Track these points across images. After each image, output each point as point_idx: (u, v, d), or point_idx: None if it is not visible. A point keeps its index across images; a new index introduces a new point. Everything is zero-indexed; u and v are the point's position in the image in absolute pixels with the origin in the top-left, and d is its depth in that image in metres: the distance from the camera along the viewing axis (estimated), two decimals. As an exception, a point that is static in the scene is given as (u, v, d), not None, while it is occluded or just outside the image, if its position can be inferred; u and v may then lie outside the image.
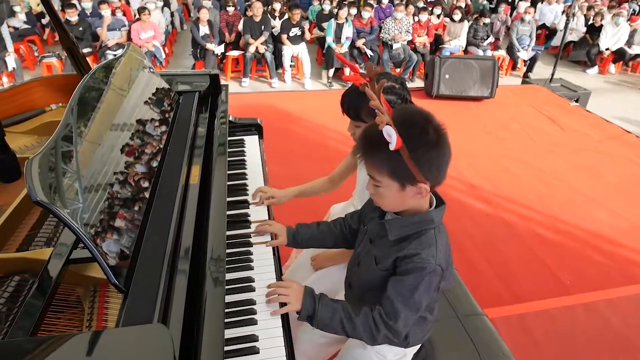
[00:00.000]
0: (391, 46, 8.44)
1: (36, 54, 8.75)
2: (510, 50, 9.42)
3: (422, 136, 1.27)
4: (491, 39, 9.29)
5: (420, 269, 1.36)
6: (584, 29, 10.67)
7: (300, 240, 1.84)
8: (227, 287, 1.55)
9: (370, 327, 1.42)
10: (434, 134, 1.28)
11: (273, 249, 1.85)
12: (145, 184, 1.63)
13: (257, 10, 7.98)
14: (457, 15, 9.06)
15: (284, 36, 8.16)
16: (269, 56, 8.05)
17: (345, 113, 1.83)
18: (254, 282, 1.67)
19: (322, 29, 9.01)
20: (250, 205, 2.09)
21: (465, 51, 9.22)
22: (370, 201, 1.67)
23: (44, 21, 9.59)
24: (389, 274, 1.44)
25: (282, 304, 1.56)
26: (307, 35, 8.87)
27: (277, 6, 8.87)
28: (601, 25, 10.05)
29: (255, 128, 2.79)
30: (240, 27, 8.34)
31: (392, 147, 1.22)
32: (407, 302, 1.38)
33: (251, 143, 2.66)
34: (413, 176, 1.29)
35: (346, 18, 8.27)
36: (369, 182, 1.40)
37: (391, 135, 1.21)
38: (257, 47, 8.00)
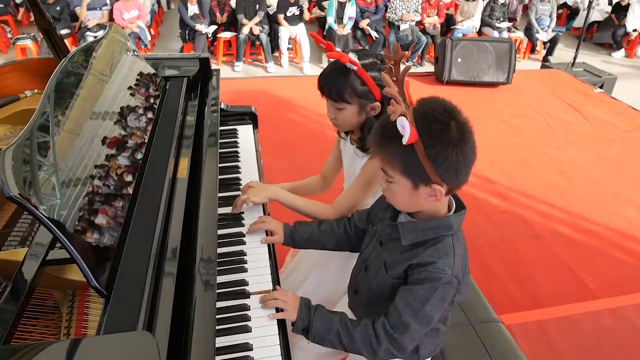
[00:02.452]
0: (398, 27, 8.42)
1: (9, 35, 8.75)
2: (529, 31, 9.40)
3: (443, 132, 1.25)
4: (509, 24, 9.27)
5: (434, 280, 1.34)
6: (609, 8, 10.64)
7: (299, 239, 1.83)
8: (218, 291, 1.55)
9: (371, 340, 1.42)
10: (456, 131, 1.26)
11: (269, 249, 1.84)
12: (129, 178, 1.62)
13: (251, -13, 7.97)
14: (471, -7, 9.05)
15: (281, 16, 8.14)
16: (264, 38, 8.04)
17: (326, 95, 1.84)
18: (247, 285, 1.66)
19: (322, 8, 9.00)
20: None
21: (479, 33, 9.21)
22: (381, 200, 1.66)
23: (18, 0, 9.56)
24: (401, 282, 1.43)
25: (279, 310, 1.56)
26: (306, 15, 8.86)
27: (273, -17, 8.86)
28: (628, 4, 10.02)
29: (249, 117, 2.78)
30: (232, 5, 8.33)
31: (404, 140, 1.21)
32: (417, 315, 1.37)
33: (245, 133, 2.65)
34: (427, 176, 1.28)
35: (349, -4, 8.26)
36: (381, 177, 1.39)
37: (404, 127, 1.20)
38: (251, 28, 7.98)
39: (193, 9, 8.05)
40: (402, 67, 1.34)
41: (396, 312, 1.39)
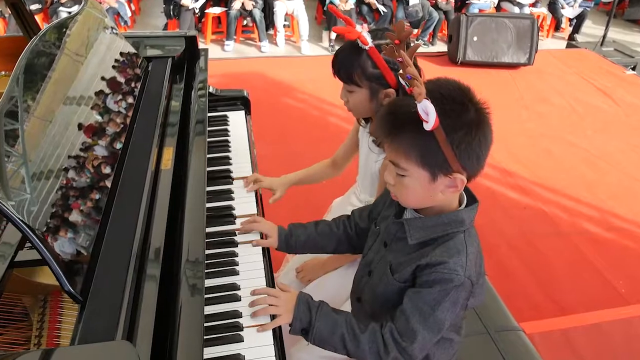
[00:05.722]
0: (407, 2, 8.40)
1: (-27, 11, 8.72)
2: (553, 6, 9.37)
3: (462, 115, 1.26)
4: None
5: (445, 281, 1.34)
6: (644, -19, 10.63)
7: (295, 244, 1.83)
8: (206, 296, 1.55)
9: (378, 347, 1.42)
10: (475, 114, 1.28)
11: (263, 250, 1.84)
12: (107, 170, 1.62)
13: (243, -43, 7.95)
14: (489, -36, 9.02)
15: (276, -11, 8.13)
16: (257, 14, 8.02)
17: (336, 75, 1.85)
18: (239, 290, 1.66)
19: (322, -19, 8.97)
20: (235, 197, 2.09)
21: (498, 8, 9.18)
22: (384, 196, 1.65)
23: (-17, -29, 9.55)
24: (409, 286, 1.43)
25: (273, 317, 1.56)
26: (305, -11, 8.84)
27: (268, -48, 8.83)
28: (665, -24, 10.01)
29: (241, 102, 2.78)
30: (222, -22, 8.31)
31: (428, 126, 1.19)
32: (427, 321, 1.37)
33: (236, 120, 2.65)
34: (448, 164, 1.28)
35: (352, -33, 8.24)
36: (388, 171, 1.38)
37: (428, 113, 1.18)
38: (243, 3, 7.96)
39: (178, -19, 8.03)
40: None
41: (403, 317, 1.39)
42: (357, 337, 1.43)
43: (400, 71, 1.33)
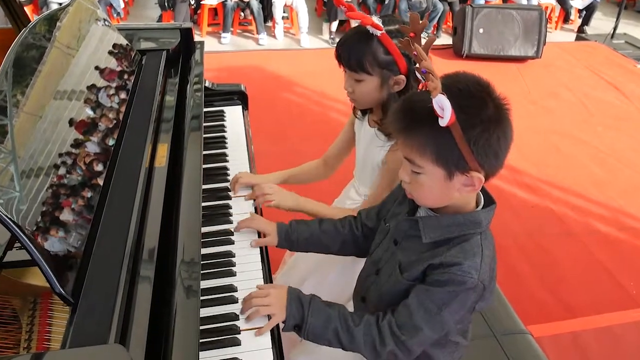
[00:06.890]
0: (411, -8, 8.39)
1: (-40, 2, 8.69)
2: (562, -3, 9.37)
3: (481, 111, 1.26)
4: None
5: (457, 283, 1.34)
6: (656, -29, 10.61)
7: (296, 240, 1.82)
8: (202, 297, 1.55)
9: (374, 340, 1.42)
10: (494, 110, 1.27)
11: (261, 250, 1.84)
12: (99, 168, 1.62)
13: (241, -54, 7.93)
14: (495, -47, 9.01)
15: (275, -20, 8.11)
16: (255, 5, 8.00)
17: (344, 63, 1.84)
18: (236, 291, 1.66)
19: (323, -30, 8.96)
20: (232, 195, 2.08)
21: (505, -1, 9.19)
22: (394, 193, 1.65)
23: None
24: (418, 283, 1.42)
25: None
26: (304, -21, 8.83)
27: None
28: (678, -34, 9.99)
29: (238, 96, 2.78)
30: (219, -32, 8.30)
31: (444, 122, 1.18)
32: (431, 319, 1.37)
33: (233, 115, 2.66)
34: (464, 162, 1.27)
35: (354, -44, 8.21)
36: (403, 168, 1.38)
37: (444, 108, 1.17)
38: (240, -6, 7.96)
39: (173, -29, 8.02)
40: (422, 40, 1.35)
41: (407, 311, 1.39)
42: (351, 330, 1.43)
43: (417, 65, 1.33)
